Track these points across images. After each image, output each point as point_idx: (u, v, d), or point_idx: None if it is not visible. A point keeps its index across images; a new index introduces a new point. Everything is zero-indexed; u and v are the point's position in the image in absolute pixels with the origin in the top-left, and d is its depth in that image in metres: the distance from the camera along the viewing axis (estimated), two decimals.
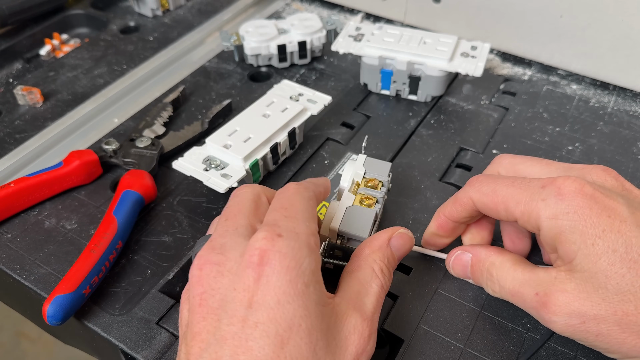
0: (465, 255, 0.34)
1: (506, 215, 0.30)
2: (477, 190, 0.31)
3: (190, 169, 0.40)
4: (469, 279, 0.34)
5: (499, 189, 0.30)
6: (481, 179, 0.32)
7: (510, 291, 0.30)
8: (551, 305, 0.27)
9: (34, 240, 0.40)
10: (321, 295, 0.26)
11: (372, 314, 0.29)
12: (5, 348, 1.00)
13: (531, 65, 0.57)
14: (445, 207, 0.35)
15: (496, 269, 0.31)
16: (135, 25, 0.63)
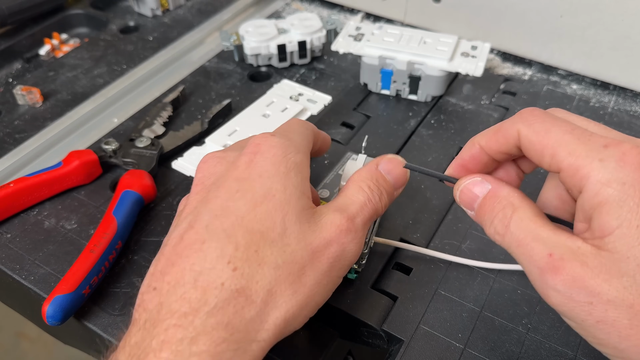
0: (484, 185, 0.29)
1: (550, 163, 0.26)
2: (528, 125, 0.27)
3: (190, 169, 0.40)
4: (470, 210, 0.30)
5: (554, 131, 0.26)
6: (536, 114, 0.27)
7: (518, 240, 0.26)
8: (563, 272, 0.24)
9: (33, 240, 0.40)
10: (302, 185, 0.29)
11: (355, 215, 0.29)
12: (5, 348, 1.00)
13: (531, 65, 0.57)
14: (482, 136, 0.30)
15: (514, 212, 0.27)
16: (135, 25, 0.63)
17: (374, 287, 0.37)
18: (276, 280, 0.26)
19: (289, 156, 0.29)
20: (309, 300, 0.27)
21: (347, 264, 0.29)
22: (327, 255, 0.28)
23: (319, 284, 0.28)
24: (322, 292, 0.28)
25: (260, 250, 0.26)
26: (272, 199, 0.27)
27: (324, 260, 0.28)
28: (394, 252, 0.39)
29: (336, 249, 0.28)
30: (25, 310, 0.46)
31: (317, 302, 0.28)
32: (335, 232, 0.28)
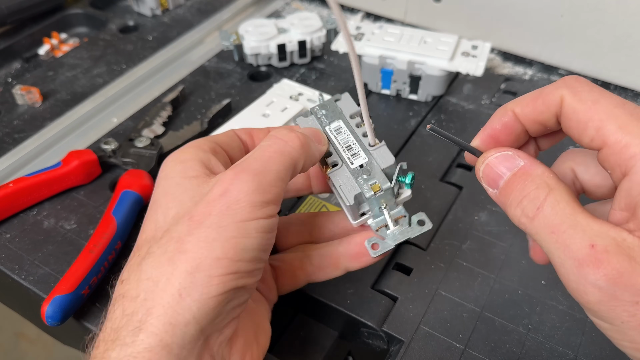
0: (515, 161, 0.25)
1: (593, 137, 0.23)
2: (574, 93, 0.24)
3: None
4: (493, 188, 0.26)
5: (603, 102, 0.23)
6: (583, 81, 0.24)
7: (553, 225, 0.22)
8: (607, 266, 0.21)
9: (32, 240, 0.40)
10: (181, 168, 0.28)
11: (246, 164, 0.27)
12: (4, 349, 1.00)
13: (532, 65, 0.57)
14: (518, 103, 0.26)
15: (549, 193, 0.23)
16: (134, 24, 0.63)
17: (374, 287, 0.37)
18: (153, 265, 0.25)
19: (180, 158, 0.29)
20: (203, 258, 0.24)
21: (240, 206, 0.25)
22: (208, 212, 0.25)
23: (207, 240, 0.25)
24: (220, 244, 0.25)
25: (141, 251, 0.26)
26: (154, 204, 0.28)
27: (205, 218, 0.25)
28: (394, 252, 0.39)
29: (219, 200, 0.26)
30: (24, 311, 0.46)
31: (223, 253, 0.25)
32: (218, 187, 0.26)
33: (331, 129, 0.32)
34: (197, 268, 0.24)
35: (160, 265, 0.25)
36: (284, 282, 0.34)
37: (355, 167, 0.30)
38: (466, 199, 0.42)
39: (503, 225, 0.40)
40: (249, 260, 0.25)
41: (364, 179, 0.30)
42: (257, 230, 0.26)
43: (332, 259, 0.33)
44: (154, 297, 0.24)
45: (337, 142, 0.31)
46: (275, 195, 0.27)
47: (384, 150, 0.31)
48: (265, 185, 0.26)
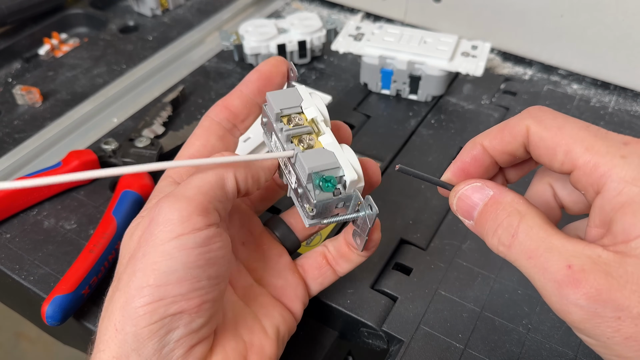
0: (484, 191, 0.26)
1: (562, 161, 0.24)
2: (539, 121, 0.25)
3: None
4: (469, 220, 0.26)
5: (568, 127, 0.24)
6: (545, 110, 0.25)
7: (529, 251, 0.23)
8: (585, 285, 0.21)
9: (33, 240, 0.40)
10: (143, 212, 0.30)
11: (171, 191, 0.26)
12: (5, 349, 1.00)
13: (532, 65, 0.57)
14: (486, 136, 0.27)
15: (521, 220, 0.24)
16: (134, 24, 0.63)
17: (374, 287, 0.37)
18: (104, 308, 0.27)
19: None
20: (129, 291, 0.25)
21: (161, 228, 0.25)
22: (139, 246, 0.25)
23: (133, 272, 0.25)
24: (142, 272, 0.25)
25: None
26: None
27: (137, 252, 0.25)
28: (394, 252, 0.39)
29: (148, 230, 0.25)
30: (24, 311, 0.46)
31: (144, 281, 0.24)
32: (147, 218, 0.26)
33: (273, 143, 0.30)
34: (126, 302, 0.25)
35: (106, 308, 0.26)
36: (313, 279, 0.33)
37: (294, 185, 0.28)
38: None
39: None
40: (177, 282, 0.24)
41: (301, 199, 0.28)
42: (180, 248, 0.24)
43: (344, 248, 0.32)
44: (100, 335, 0.26)
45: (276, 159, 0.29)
46: (198, 207, 0.25)
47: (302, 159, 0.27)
48: (183, 200, 0.25)
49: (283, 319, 0.31)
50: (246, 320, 0.29)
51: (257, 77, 0.32)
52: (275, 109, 0.28)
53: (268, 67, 0.32)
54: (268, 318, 0.30)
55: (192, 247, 0.25)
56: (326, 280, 0.33)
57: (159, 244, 0.25)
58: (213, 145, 0.31)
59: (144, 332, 0.24)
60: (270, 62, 0.32)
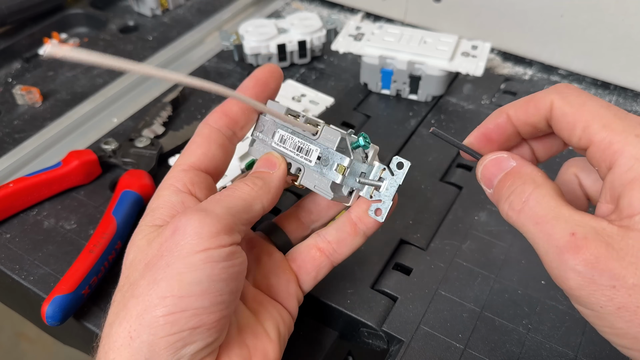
0: (509, 162, 0.27)
1: (580, 136, 0.25)
2: (563, 97, 0.26)
3: None
4: (489, 187, 0.28)
5: (590, 104, 0.25)
6: (572, 87, 0.26)
7: (537, 216, 0.24)
8: (585, 251, 0.22)
9: (33, 240, 0.40)
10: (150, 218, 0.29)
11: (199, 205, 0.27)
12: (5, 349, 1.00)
13: (532, 65, 0.57)
14: (512, 105, 0.28)
15: (535, 188, 0.25)
16: (134, 24, 0.63)
17: (374, 287, 0.37)
18: (113, 312, 0.26)
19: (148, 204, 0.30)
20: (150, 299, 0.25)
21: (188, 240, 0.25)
22: (160, 254, 0.26)
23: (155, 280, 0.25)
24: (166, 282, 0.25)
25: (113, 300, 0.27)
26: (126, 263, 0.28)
27: (157, 260, 0.26)
28: (394, 252, 0.39)
29: (170, 239, 0.26)
30: (24, 311, 0.46)
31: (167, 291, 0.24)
32: (169, 228, 0.26)
33: (276, 142, 0.31)
34: (145, 310, 0.24)
35: (117, 312, 0.26)
36: (307, 273, 0.33)
37: (314, 163, 0.30)
38: (466, 199, 0.42)
39: (503, 225, 0.40)
40: (200, 294, 0.25)
41: (327, 169, 0.30)
42: (205, 261, 0.25)
43: (348, 228, 0.32)
44: (109, 341, 0.25)
45: (288, 151, 0.31)
46: (225, 227, 0.26)
47: (327, 132, 0.30)
48: (213, 217, 0.26)
49: (282, 318, 0.31)
50: (249, 324, 0.29)
51: (254, 84, 0.32)
52: (283, 108, 0.31)
53: (264, 73, 0.32)
54: (268, 319, 0.30)
55: (217, 260, 0.25)
56: (320, 273, 0.33)
57: (185, 255, 0.25)
58: (214, 154, 0.31)
59: (160, 343, 0.24)
60: (265, 69, 0.33)
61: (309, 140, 0.30)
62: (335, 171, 0.29)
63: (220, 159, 0.31)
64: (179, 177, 0.30)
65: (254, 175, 0.30)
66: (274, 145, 0.31)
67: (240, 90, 0.32)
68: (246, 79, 0.32)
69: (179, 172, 0.30)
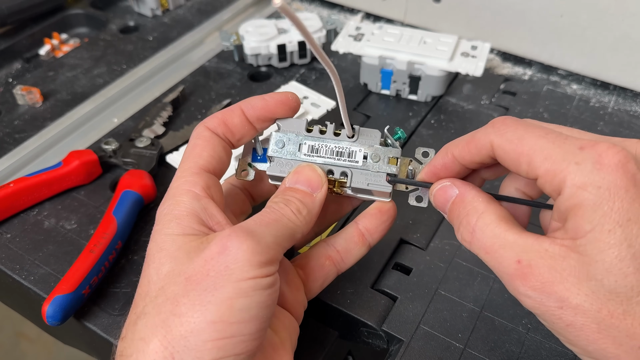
0: (452, 189, 0.29)
1: (527, 170, 0.26)
2: (501, 135, 0.26)
3: None
4: (445, 214, 0.30)
5: (527, 137, 0.26)
6: (508, 122, 0.27)
7: (485, 247, 0.26)
8: (532, 279, 0.24)
9: (33, 240, 0.40)
10: (176, 227, 0.27)
11: (246, 225, 0.27)
12: (5, 348, 1.00)
13: (531, 65, 0.57)
14: (456, 146, 0.29)
15: (477, 217, 0.27)
16: (134, 24, 0.63)
17: (373, 287, 0.37)
18: (146, 325, 0.25)
19: (163, 212, 0.28)
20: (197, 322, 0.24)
21: (238, 265, 0.25)
22: (206, 272, 0.25)
23: (202, 302, 0.24)
24: (215, 306, 0.24)
25: (137, 309, 0.26)
26: (147, 259, 0.28)
27: (203, 278, 0.25)
28: (394, 252, 0.39)
29: (218, 258, 0.25)
30: (25, 310, 0.46)
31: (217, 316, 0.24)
32: (216, 245, 0.26)
33: (306, 153, 0.31)
34: (190, 332, 0.24)
35: (154, 327, 0.24)
36: (315, 281, 0.33)
37: (361, 163, 0.30)
38: None
39: None
40: (249, 320, 0.25)
41: (378, 165, 0.30)
42: (255, 288, 0.25)
43: (356, 238, 0.33)
44: (145, 357, 0.24)
45: (324, 159, 0.30)
46: (273, 257, 0.26)
47: (365, 131, 0.31)
48: (264, 245, 0.26)
49: (293, 327, 0.31)
50: (267, 337, 0.29)
51: (262, 105, 0.31)
52: (302, 121, 0.31)
53: (278, 101, 0.31)
54: (282, 329, 0.30)
55: (264, 288, 0.25)
56: (327, 281, 0.33)
57: (235, 280, 0.25)
58: (220, 156, 0.30)
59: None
60: (282, 97, 0.31)
61: (347, 143, 0.30)
62: (388, 164, 0.30)
63: (225, 162, 0.31)
64: (194, 181, 0.29)
65: (297, 197, 0.29)
66: (304, 157, 0.30)
67: (246, 105, 0.31)
68: (256, 97, 0.31)
69: (191, 175, 0.29)
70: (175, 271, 0.26)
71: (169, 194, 0.29)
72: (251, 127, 0.31)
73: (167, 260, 0.26)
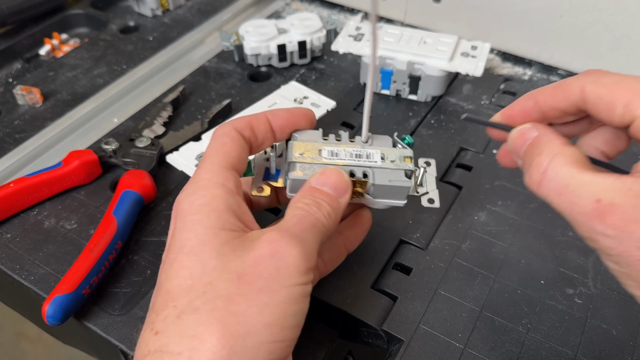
0: (531, 132, 0.28)
1: (622, 113, 0.25)
2: (595, 80, 0.26)
3: (183, 163, 0.41)
4: (518, 160, 0.29)
5: (625, 82, 0.25)
6: (602, 71, 0.27)
7: (558, 188, 0.25)
8: (613, 217, 0.23)
9: (33, 240, 0.40)
10: (218, 220, 0.27)
11: (289, 227, 0.27)
12: (5, 348, 1.00)
13: (531, 65, 0.57)
14: (541, 91, 0.28)
15: (552, 157, 0.25)
16: (134, 25, 0.63)
17: (374, 287, 0.37)
18: (197, 322, 0.24)
19: (195, 203, 0.27)
20: (254, 323, 0.24)
21: (290, 270, 0.26)
22: (258, 273, 0.25)
23: (259, 304, 0.25)
24: (271, 309, 0.25)
25: (178, 302, 0.25)
26: (183, 250, 0.26)
27: (255, 279, 0.25)
28: (394, 252, 0.39)
29: (270, 261, 0.25)
30: (25, 310, 0.46)
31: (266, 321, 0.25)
32: (266, 247, 0.26)
33: (327, 157, 0.32)
34: (248, 333, 0.24)
35: (209, 324, 0.24)
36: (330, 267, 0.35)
37: (380, 162, 0.32)
38: (466, 199, 0.43)
39: (502, 225, 0.40)
40: (294, 326, 0.25)
41: (395, 163, 0.32)
42: (302, 295, 0.26)
43: (341, 248, 0.34)
44: (200, 356, 0.23)
45: (345, 160, 0.32)
46: (314, 263, 0.27)
47: (377, 137, 0.33)
48: (308, 252, 0.27)
49: None
50: None
51: (287, 116, 0.32)
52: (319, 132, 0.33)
53: (301, 114, 0.33)
54: None
55: (307, 295, 0.26)
56: (336, 265, 0.34)
57: (287, 285, 0.25)
58: (244, 158, 0.30)
59: None
60: (305, 111, 0.33)
61: (363, 146, 0.33)
62: (404, 162, 0.32)
63: (245, 164, 0.31)
64: (226, 176, 0.28)
65: (326, 201, 0.29)
66: (325, 160, 0.32)
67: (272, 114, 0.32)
68: (281, 109, 0.32)
69: (222, 169, 0.29)
70: (223, 267, 0.25)
71: (198, 184, 0.28)
72: (272, 136, 0.32)
73: (213, 254, 0.26)
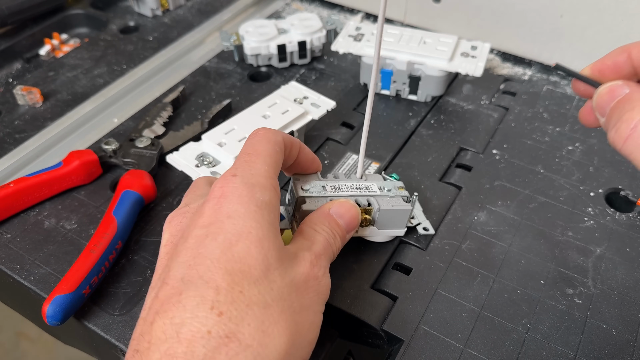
0: (622, 89, 0.26)
1: None
2: None
3: (182, 163, 0.41)
4: (602, 116, 0.27)
5: None
6: None
7: None
8: None
9: (33, 240, 0.40)
10: (276, 223, 0.27)
11: (320, 253, 0.29)
12: (5, 348, 1.00)
13: (531, 65, 0.57)
14: (636, 45, 0.28)
15: None
16: (135, 25, 0.63)
17: (374, 287, 0.37)
18: (269, 320, 0.24)
19: (257, 195, 0.27)
20: (302, 337, 0.26)
21: (324, 298, 0.29)
22: (308, 290, 0.27)
23: (307, 319, 0.26)
24: (311, 328, 0.27)
25: (246, 290, 0.24)
26: (248, 236, 0.25)
27: (306, 295, 0.27)
28: (394, 252, 0.39)
29: (314, 283, 0.27)
30: (25, 310, 0.46)
31: (309, 339, 0.27)
32: (309, 268, 0.27)
33: (330, 191, 0.34)
34: (300, 345, 0.26)
35: (280, 326, 0.24)
36: None
37: (379, 192, 0.35)
38: (465, 199, 0.43)
39: (502, 225, 0.40)
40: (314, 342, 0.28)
41: (393, 192, 0.36)
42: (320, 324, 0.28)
43: None
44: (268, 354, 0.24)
45: (347, 193, 0.35)
46: None
47: (369, 175, 0.37)
48: None
49: None
50: None
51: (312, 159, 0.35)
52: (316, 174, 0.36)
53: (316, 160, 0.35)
54: None
55: None
56: None
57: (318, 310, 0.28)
58: (279, 167, 0.30)
59: None
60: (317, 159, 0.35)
61: (359, 181, 0.36)
62: (399, 190, 0.36)
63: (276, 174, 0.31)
64: (275, 183, 0.28)
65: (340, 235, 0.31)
66: (330, 193, 0.34)
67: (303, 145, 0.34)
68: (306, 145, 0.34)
69: (272, 174, 0.29)
70: (284, 272, 0.26)
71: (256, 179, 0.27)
72: (289, 169, 0.34)
73: (274, 255, 0.26)
